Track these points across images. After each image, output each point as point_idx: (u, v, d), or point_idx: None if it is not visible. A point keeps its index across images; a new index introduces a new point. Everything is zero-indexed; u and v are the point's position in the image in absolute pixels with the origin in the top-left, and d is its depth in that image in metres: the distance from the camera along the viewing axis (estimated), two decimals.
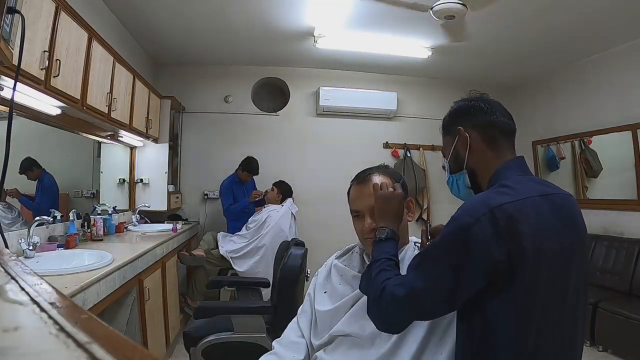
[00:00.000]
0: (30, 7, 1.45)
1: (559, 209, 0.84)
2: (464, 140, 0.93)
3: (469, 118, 0.94)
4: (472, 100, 0.96)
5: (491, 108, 0.94)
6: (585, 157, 3.77)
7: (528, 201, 0.80)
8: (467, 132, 0.93)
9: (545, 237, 0.79)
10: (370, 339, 0.97)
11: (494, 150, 0.92)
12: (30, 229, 1.73)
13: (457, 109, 0.98)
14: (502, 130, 0.93)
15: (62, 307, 0.36)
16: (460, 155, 0.95)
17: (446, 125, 1.00)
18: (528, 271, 0.77)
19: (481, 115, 0.93)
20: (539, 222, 0.79)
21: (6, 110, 1.48)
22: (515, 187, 0.83)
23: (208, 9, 2.96)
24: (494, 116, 0.93)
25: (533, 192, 0.83)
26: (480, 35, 3.28)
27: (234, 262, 3.34)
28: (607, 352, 2.83)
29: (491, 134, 0.92)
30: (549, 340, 0.80)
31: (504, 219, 0.76)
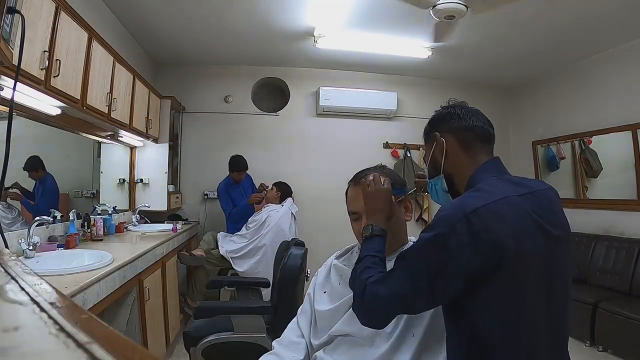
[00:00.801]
0: (30, 7, 1.45)
1: (539, 206, 0.84)
2: (440, 146, 0.96)
3: (445, 124, 0.97)
4: (449, 108, 0.99)
5: (467, 114, 0.96)
6: (585, 157, 3.77)
7: (503, 202, 0.81)
8: (443, 137, 0.95)
9: (525, 236, 0.80)
10: (370, 339, 0.97)
11: (470, 154, 0.93)
12: (30, 229, 1.73)
13: (435, 117, 1.01)
14: (478, 134, 0.94)
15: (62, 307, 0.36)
16: (437, 160, 0.97)
17: (426, 132, 1.03)
18: (510, 272, 0.77)
19: (456, 121, 0.96)
20: (517, 221, 0.80)
21: (6, 110, 1.48)
22: (489, 189, 0.83)
23: (208, 9, 2.96)
24: (470, 121, 0.95)
25: (509, 192, 0.83)
26: (480, 36, 3.27)
27: (234, 262, 3.34)
28: (607, 352, 2.82)
29: (466, 138, 0.94)
30: (536, 336, 0.81)
31: (479, 223, 0.77)
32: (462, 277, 0.78)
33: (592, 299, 2.96)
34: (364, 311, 0.88)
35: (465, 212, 0.78)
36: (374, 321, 0.88)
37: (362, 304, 0.87)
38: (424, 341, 0.92)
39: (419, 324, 0.93)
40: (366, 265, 0.90)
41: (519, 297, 0.79)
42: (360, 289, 0.88)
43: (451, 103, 1.02)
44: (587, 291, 3.11)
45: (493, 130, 0.97)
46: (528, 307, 0.80)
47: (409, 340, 0.92)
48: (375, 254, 0.92)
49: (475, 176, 0.91)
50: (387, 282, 0.84)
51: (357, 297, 0.89)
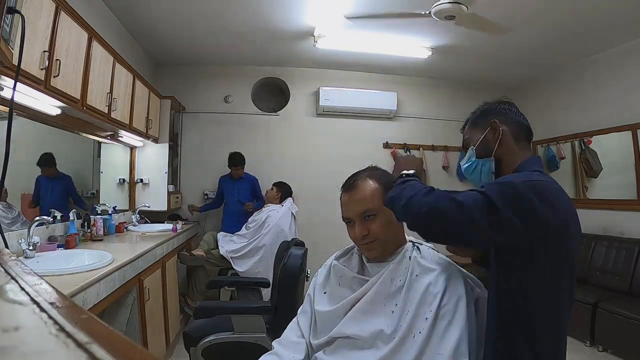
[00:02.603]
0: (30, 7, 1.45)
1: (570, 200, 0.94)
2: (496, 132, 1.02)
3: (503, 115, 1.05)
4: (505, 103, 1.08)
5: (520, 113, 1.07)
6: (585, 157, 3.77)
7: (556, 185, 0.91)
8: (500, 126, 1.02)
9: (570, 217, 0.89)
10: (371, 341, 0.97)
11: (519, 146, 1.02)
12: (30, 229, 1.73)
13: (491, 107, 1.08)
14: (527, 132, 1.05)
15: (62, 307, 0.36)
16: (489, 144, 1.03)
17: (476, 119, 1.09)
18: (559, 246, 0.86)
19: (512, 115, 1.05)
20: (565, 201, 0.89)
21: (6, 110, 1.48)
22: (545, 174, 0.94)
23: (208, 9, 2.96)
24: (523, 120, 1.06)
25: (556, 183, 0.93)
26: (480, 36, 3.27)
27: (234, 262, 3.34)
28: (607, 352, 2.83)
29: (519, 132, 1.04)
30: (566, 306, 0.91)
31: (545, 192, 0.84)
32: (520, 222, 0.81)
33: (592, 299, 2.96)
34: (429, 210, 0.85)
35: (532, 180, 0.86)
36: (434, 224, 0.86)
37: (426, 202, 0.86)
38: (425, 342, 0.91)
39: (421, 325, 0.93)
40: (418, 184, 0.94)
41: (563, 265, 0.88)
42: (421, 190, 0.89)
43: (503, 99, 1.10)
44: (587, 291, 3.11)
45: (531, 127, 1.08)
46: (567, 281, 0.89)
47: (409, 342, 0.92)
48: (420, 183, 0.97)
49: (522, 166, 0.98)
50: (462, 194, 0.86)
51: (417, 196, 0.88)
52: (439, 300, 0.93)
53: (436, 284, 0.95)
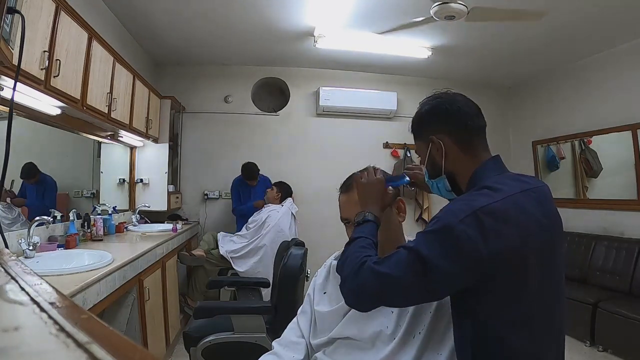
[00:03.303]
0: (30, 7, 1.45)
1: (540, 203, 0.85)
2: (438, 148, 0.93)
3: (437, 123, 0.94)
4: (435, 102, 0.95)
5: (455, 107, 0.93)
6: (585, 157, 3.77)
7: (510, 200, 0.81)
8: (439, 139, 0.92)
9: (530, 233, 0.80)
10: (371, 342, 0.97)
11: (469, 153, 0.92)
12: (30, 229, 1.73)
13: (424, 115, 0.97)
14: (472, 129, 0.93)
15: (62, 307, 0.36)
16: (436, 162, 0.95)
17: (416, 129, 1.00)
18: (516, 268, 0.78)
19: (449, 118, 0.92)
20: (523, 219, 0.80)
21: (6, 110, 1.48)
22: (496, 187, 0.83)
23: (208, 9, 2.96)
24: (461, 116, 0.92)
25: (514, 190, 0.83)
26: (480, 36, 3.27)
27: (234, 262, 3.34)
28: (607, 352, 2.82)
29: (462, 137, 0.92)
30: (542, 333, 0.82)
31: (489, 220, 0.76)
32: (463, 270, 0.76)
33: (592, 299, 2.96)
34: (355, 288, 0.83)
35: (474, 208, 0.78)
36: (362, 302, 0.85)
37: (354, 281, 0.83)
38: (425, 343, 0.91)
39: (421, 325, 0.92)
40: (361, 245, 0.88)
41: (523, 294, 0.80)
42: (355, 265, 0.83)
43: (436, 93, 0.98)
44: (587, 291, 3.11)
45: (483, 119, 0.95)
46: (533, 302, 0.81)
47: (409, 342, 0.92)
48: (368, 237, 0.90)
49: (476, 174, 0.90)
50: (387, 263, 0.80)
51: (350, 273, 0.84)
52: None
53: None
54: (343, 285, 0.88)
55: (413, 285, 0.78)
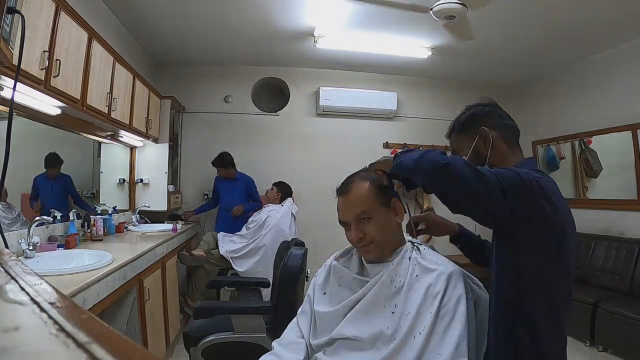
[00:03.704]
0: (30, 7, 1.45)
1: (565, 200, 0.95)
2: (486, 139, 1.02)
3: (489, 120, 1.04)
4: (490, 106, 1.08)
5: (504, 113, 1.07)
6: (585, 157, 3.77)
7: (555, 185, 0.93)
8: (489, 132, 1.02)
9: (567, 212, 0.92)
10: (371, 342, 0.97)
11: (511, 150, 1.04)
12: (30, 229, 1.73)
13: (476, 112, 1.07)
14: (515, 134, 1.06)
15: (62, 307, 0.36)
16: (481, 153, 1.03)
17: (463, 125, 1.09)
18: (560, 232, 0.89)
19: (499, 119, 1.05)
20: (561, 204, 0.91)
21: (6, 110, 1.48)
22: (545, 172, 0.95)
23: (208, 9, 2.96)
24: (509, 121, 1.06)
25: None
26: (480, 36, 3.27)
27: (234, 262, 3.34)
28: (607, 352, 2.83)
29: (508, 135, 1.04)
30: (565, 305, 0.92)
31: (543, 182, 0.87)
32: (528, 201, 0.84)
33: (592, 299, 2.96)
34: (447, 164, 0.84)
35: (533, 173, 0.88)
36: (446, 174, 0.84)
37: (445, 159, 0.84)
38: (425, 343, 0.91)
39: (422, 326, 0.92)
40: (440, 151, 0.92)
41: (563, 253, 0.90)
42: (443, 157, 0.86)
43: (486, 101, 1.09)
44: (587, 291, 3.11)
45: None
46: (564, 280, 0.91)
47: (410, 342, 0.92)
48: None
49: (518, 166, 0.97)
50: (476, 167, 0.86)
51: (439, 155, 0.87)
52: (439, 300, 0.93)
53: (436, 284, 0.95)
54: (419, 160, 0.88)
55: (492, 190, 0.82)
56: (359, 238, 1.03)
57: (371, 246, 1.04)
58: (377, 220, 1.03)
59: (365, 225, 1.03)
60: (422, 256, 1.03)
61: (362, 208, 1.03)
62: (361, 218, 1.03)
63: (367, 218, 1.03)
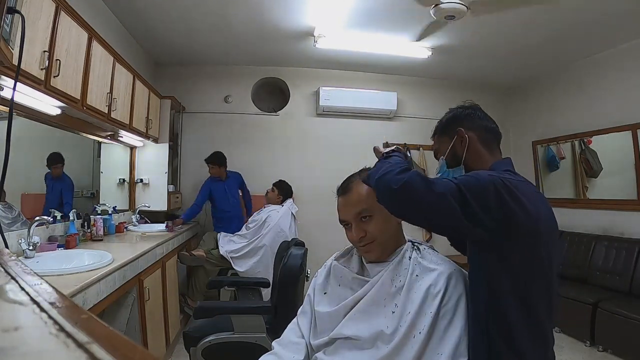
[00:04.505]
0: (30, 7, 1.45)
1: (544, 199, 0.99)
2: (462, 140, 1.05)
3: (467, 122, 1.07)
4: (469, 108, 1.10)
5: (485, 116, 1.10)
6: (585, 157, 3.77)
7: (528, 185, 0.94)
8: (467, 133, 1.05)
9: (542, 215, 0.91)
10: (371, 342, 0.97)
11: (488, 151, 1.06)
12: (30, 229, 1.73)
13: (457, 114, 1.10)
14: (495, 135, 1.08)
15: (62, 307, 0.36)
16: (458, 153, 1.07)
17: (443, 127, 1.12)
18: (532, 238, 0.88)
19: (478, 121, 1.08)
20: (536, 201, 0.92)
21: (6, 110, 1.48)
22: (516, 173, 0.98)
23: (208, 9, 2.96)
24: (488, 122, 1.09)
25: (529, 183, 0.98)
26: (480, 35, 3.28)
27: (234, 262, 3.34)
28: (607, 352, 2.82)
29: (486, 137, 1.07)
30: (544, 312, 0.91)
31: (511, 187, 0.87)
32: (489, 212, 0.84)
33: (592, 299, 2.96)
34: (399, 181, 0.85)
35: (500, 175, 0.89)
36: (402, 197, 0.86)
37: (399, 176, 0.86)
38: (425, 342, 0.91)
39: (421, 325, 0.92)
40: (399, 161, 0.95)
41: (536, 264, 0.89)
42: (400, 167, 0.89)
43: (467, 104, 1.12)
44: (587, 291, 3.11)
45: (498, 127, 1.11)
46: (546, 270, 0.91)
47: (410, 341, 0.92)
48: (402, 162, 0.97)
49: (494, 167, 1.00)
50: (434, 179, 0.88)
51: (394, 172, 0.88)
52: (439, 300, 0.93)
53: (437, 284, 0.95)
54: (378, 181, 0.91)
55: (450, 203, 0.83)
56: (360, 237, 1.03)
57: (372, 245, 1.04)
58: (377, 219, 1.03)
59: (366, 224, 1.03)
60: (422, 256, 1.03)
61: (362, 206, 1.03)
62: (362, 217, 1.04)
63: (368, 217, 1.03)
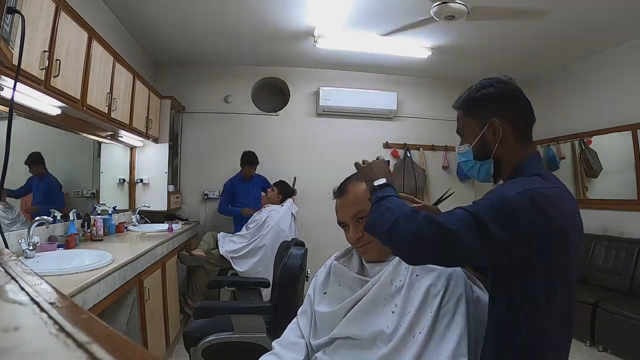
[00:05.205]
0: (30, 7, 1.45)
1: (573, 199, 0.94)
2: (495, 132, 0.93)
3: (504, 109, 0.94)
4: (509, 89, 0.97)
5: (524, 99, 0.97)
6: (585, 157, 3.77)
7: (557, 190, 0.88)
8: (501, 124, 0.92)
9: (568, 221, 0.87)
10: (371, 341, 0.97)
11: (521, 144, 0.95)
12: (30, 229, 1.73)
13: (493, 94, 0.96)
14: (529, 119, 0.96)
15: (62, 307, 0.36)
16: (488, 145, 0.95)
17: (472, 105, 0.98)
18: (561, 249, 0.84)
19: (515, 104, 0.95)
20: (564, 207, 0.87)
21: (6, 110, 1.48)
22: (546, 176, 0.89)
23: (208, 9, 2.96)
24: (525, 108, 0.96)
25: (559, 183, 0.92)
26: (480, 36, 3.27)
27: (234, 262, 3.34)
28: (607, 352, 2.83)
29: (520, 125, 0.95)
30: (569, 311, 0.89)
31: (540, 200, 0.81)
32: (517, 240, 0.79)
33: (592, 299, 2.96)
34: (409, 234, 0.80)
35: (527, 188, 0.82)
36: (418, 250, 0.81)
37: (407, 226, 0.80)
38: (425, 342, 0.91)
39: (421, 325, 0.92)
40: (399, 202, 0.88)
41: (560, 273, 0.85)
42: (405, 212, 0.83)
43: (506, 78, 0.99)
44: (587, 291, 3.11)
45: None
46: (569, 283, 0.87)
47: (409, 341, 0.92)
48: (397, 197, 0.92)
49: (523, 166, 0.93)
50: (444, 216, 0.82)
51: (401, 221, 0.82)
52: (439, 300, 0.93)
53: (437, 284, 0.95)
54: (388, 237, 0.84)
55: (468, 243, 0.78)
56: (357, 238, 1.04)
57: (370, 246, 1.04)
58: None
59: (363, 224, 1.03)
60: None
61: (358, 207, 1.04)
62: (358, 217, 1.04)
63: (364, 217, 1.03)
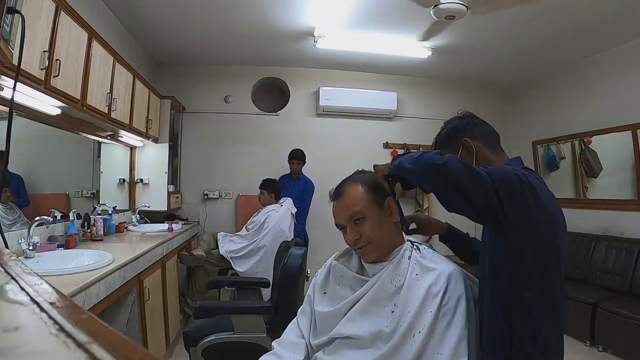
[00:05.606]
0: (30, 7, 1.45)
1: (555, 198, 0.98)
2: (469, 149, 1.06)
3: (469, 131, 1.08)
4: (466, 117, 1.13)
5: (481, 121, 1.12)
6: (585, 157, 3.77)
7: (543, 183, 0.94)
8: (472, 142, 1.06)
9: (558, 213, 0.94)
10: (370, 341, 0.97)
11: (495, 155, 1.07)
12: (30, 229, 1.73)
13: (455, 126, 1.11)
14: (495, 138, 1.10)
15: (62, 307, 0.36)
16: (468, 161, 1.04)
17: (445, 140, 1.12)
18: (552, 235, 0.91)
19: (477, 128, 1.09)
20: (554, 199, 0.94)
21: (6, 110, 1.48)
22: (533, 170, 0.99)
23: (208, 9, 2.96)
24: (487, 127, 1.11)
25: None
26: (480, 35, 3.28)
27: (234, 262, 3.33)
28: (607, 352, 2.83)
29: (490, 142, 1.08)
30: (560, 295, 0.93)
31: (532, 180, 0.88)
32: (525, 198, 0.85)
33: (592, 299, 2.96)
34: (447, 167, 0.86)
35: (522, 170, 0.91)
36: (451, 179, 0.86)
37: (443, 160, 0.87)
38: (424, 342, 0.91)
39: (421, 325, 0.93)
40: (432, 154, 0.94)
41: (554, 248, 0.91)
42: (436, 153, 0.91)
43: (461, 113, 1.15)
44: (587, 291, 3.11)
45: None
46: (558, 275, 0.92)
47: (409, 341, 0.92)
48: None
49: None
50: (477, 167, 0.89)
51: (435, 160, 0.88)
52: (439, 299, 0.93)
53: (437, 284, 0.96)
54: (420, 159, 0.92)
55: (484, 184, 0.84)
56: (355, 239, 1.04)
57: (368, 247, 1.04)
58: (371, 221, 1.04)
59: (360, 226, 1.04)
60: (422, 255, 1.04)
61: (355, 209, 1.05)
62: (355, 219, 1.05)
63: (361, 218, 1.04)
